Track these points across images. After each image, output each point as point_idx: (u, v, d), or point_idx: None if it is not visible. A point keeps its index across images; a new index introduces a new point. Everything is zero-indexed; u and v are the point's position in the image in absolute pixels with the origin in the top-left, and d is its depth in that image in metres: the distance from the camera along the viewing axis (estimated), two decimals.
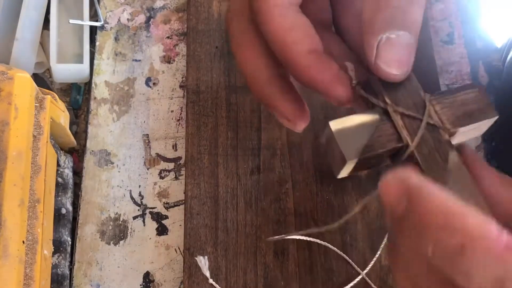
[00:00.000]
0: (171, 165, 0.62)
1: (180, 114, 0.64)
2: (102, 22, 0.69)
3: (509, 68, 0.64)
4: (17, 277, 0.44)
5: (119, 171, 0.62)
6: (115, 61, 0.67)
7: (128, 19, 0.69)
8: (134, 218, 0.60)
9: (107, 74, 0.66)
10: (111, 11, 0.70)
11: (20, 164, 0.47)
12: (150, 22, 0.69)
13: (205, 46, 0.65)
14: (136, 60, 0.67)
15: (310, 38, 0.26)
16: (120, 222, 0.60)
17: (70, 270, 0.58)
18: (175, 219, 0.60)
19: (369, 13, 0.25)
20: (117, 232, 0.59)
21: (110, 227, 0.59)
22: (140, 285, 0.57)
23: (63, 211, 0.59)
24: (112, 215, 0.60)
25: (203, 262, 0.55)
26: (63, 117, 0.58)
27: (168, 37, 0.69)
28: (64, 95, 0.68)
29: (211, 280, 0.54)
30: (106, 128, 0.64)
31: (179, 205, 0.60)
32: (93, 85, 0.66)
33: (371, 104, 0.27)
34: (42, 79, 0.68)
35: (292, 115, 0.28)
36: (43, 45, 0.68)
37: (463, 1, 0.71)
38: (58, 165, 0.58)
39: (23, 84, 0.49)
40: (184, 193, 0.59)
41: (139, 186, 0.61)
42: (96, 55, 0.67)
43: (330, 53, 0.27)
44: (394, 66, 0.25)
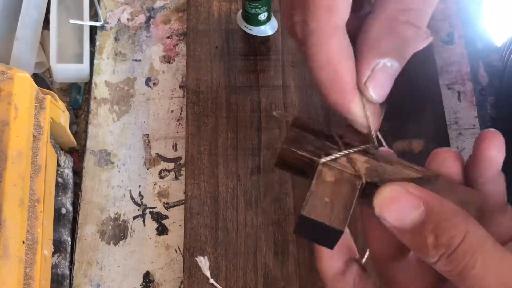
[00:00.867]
0: (171, 165, 0.62)
1: (180, 114, 0.64)
2: (102, 22, 0.69)
3: (510, 68, 0.64)
4: (17, 277, 0.44)
5: (119, 171, 0.62)
6: (115, 61, 0.67)
7: (128, 19, 0.69)
8: (134, 218, 0.60)
9: (107, 74, 0.66)
10: (111, 11, 0.70)
11: (20, 164, 0.47)
12: (150, 22, 0.69)
13: (205, 46, 0.65)
14: (136, 60, 0.67)
15: (353, 71, 0.26)
16: (120, 222, 0.60)
17: (70, 270, 0.58)
18: (175, 219, 0.60)
19: (378, 34, 0.25)
20: (117, 232, 0.59)
21: (110, 227, 0.59)
22: (140, 285, 0.57)
23: (63, 211, 0.59)
24: (112, 215, 0.60)
25: (203, 262, 0.55)
26: (63, 117, 0.58)
27: (168, 37, 0.69)
28: (64, 95, 0.68)
29: (211, 280, 0.54)
30: (106, 128, 0.64)
31: (179, 205, 0.60)
32: (93, 85, 0.66)
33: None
34: (42, 79, 0.68)
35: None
36: (43, 45, 0.68)
37: (463, 1, 0.71)
38: (58, 165, 0.58)
39: (23, 84, 0.49)
40: (184, 193, 0.59)
41: (139, 186, 0.61)
42: (96, 55, 0.67)
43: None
44: (379, 92, 0.26)
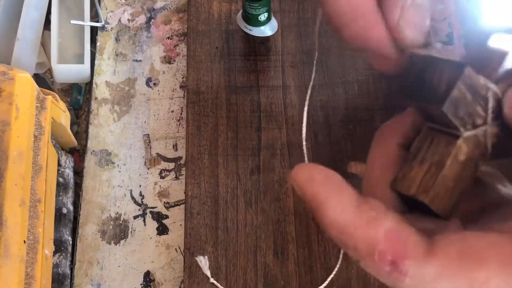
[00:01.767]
0: (171, 165, 0.62)
1: (181, 114, 0.65)
2: (103, 23, 0.69)
3: None
4: (18, 277, 0.44)
5: (119, 171, 0.62)
6: (115, 62, 0.67)
7: (128, 20, 0.70)
8: (135, 217, 0.60)
9: (108, 74, 0.67)
10: (111, 11, 0.70)
11: (21, 164, 0.47)
12: (150, 23, 0.69)
13: (205, 46, 0.65)
14: (136, 61, 0.67)
15: None
16: (121, 222, 0.60)
17: (71, 269, 0.58)
18: (176, 218, 0.60)
19: None
20: (118, 231, 0.59)
21: (111, 227, 0.60)
22: (141, 284, 0.58)
23: (64, 210, 0.59)
24: (113, 215, 0.60)
25: (203, 262, 0.55)
26: (64, 117, 0.58)
27: (168, 38, 0.69)
28: (65, 95, 0.68)
29: (212, 279, 0.54)
30: (106, 128, 0.64)
31: (180, 205, 0.61)
32: (94, 85, 0.66)
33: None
34: (43, 79, 0.68)
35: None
36: (44, 45, 0.68)
37: (463, 1, 0.71)
38: (59, 165, 0.59)
39: (24, 84, 0.50)
40: (185, 192, 0.59)
41: (140, 186, 0.61)
42: (97, 56, 0.67)
43: None
44: (413, 29, 0.23)
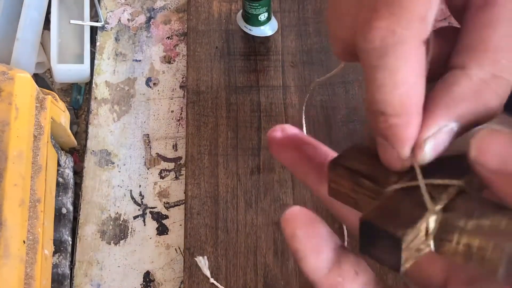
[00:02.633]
0: (171, 165, 0.62)
1: (180, 114, 0.65)
2: (102, 23, 0.69)
3: None
4: (18, 277, 0.44)
5: (119, 171, 0.62)
6: (115, 61, 0.67)
7: (128, 20, 0.70)
8: (135, 218, 0.60)
9: (108, 74, 0.66)
10: (111, 11, 0.70)
11: (21, 164, 0.47)
12: (150, 23, 0.69)
13: (205, 46, 0.65)
14: (136, 60, 0.67)
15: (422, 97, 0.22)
16: (121, 222, 0.60)
17: (71, 269, 0.58)
18: (175, 219, 0.60)
19: (462, 93, 0.21)
20: (118, 231, 0.59)
21: (111, 227, 0.60)
22: (141, 284, 0.58)
23: (64, 210, 0.59)
24: (113, 215, 0.60)
25: (202, 262, 0.55)
26: (64, 117, 0.58)
27: (168, 38, 0.69)
28: (65, 95, 0.68)
29: (212, 280, 0.54)
30: (106, 128, 0.64)
31: (179, 205, 0.61)
32: (93, 85, 0.66)
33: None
34: (43, 79, 0.68)
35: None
36: (44, 45, 0.68)
37: None
38: (59, 165, 0.58)
39: (23, 84, 0.50)
40: (184, 193, 0.59)
41: (140, 186, 0.61)
42: (97, 55, 0.67)
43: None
44: (434, 153, 0.22)
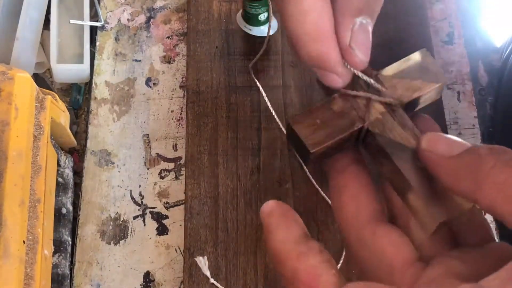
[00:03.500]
0: (171, 165, 0.62)
1: (180, 114, 0.64)
2: (102, 22, 0.69)
3: (510, 68, 0.64)
4: (17, 277, 0.44)
5: (119, 171, 0.62)
6: (115, 61, 0.67)
7: (128, 19, 0.70)
8: (135, 218, 0.60)
9: (108, 74, 0.66)
10: (111, 11, 0.70)
11: (21, 164, 0.47)
12: (150, 22, 0.69)
13: (205, 46, 0.65)
14: (136, 60, 0.67)
15: (332, 19, 0.25)
16: (121, 222, 0.60)
17: (71, 269, 0.58)
18: (175, 219, 0.60)
19: None
20: (118, 232, 0.59)
21: (111, 227, 0.59)
22: (140, 284, 0.57)
23: (64, 211, 0.59)
24: (113, 215, 0.60)
25: (202, 262, 0.55)
26: (64, 117, 0.58)
27: (168, 37, 0.69)
28: (65, 95, 0.68)
29: (212, 280, 0.54)
30: (106, 128, 0.64)
31: (179, 205, 0.60)
32: (93, 85, 0.66)
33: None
34: (43, 79, 0.68)
35: None
36: (44, 45, 0.68)
37: (463, 1, 0.71)
38: (59, 165, 0.58)
39: (23, 84, 0.49)
40: (184, 193, 0.59)
41: (139, 186, 0.61)
42: (97, 55, 0.67)
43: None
44: (363, 52, 0.25)
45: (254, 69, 0.64)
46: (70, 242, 0.59)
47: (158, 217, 0.60)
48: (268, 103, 0.61)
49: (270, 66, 0.64)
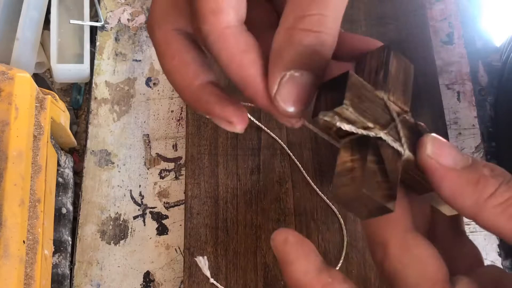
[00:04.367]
0: (171, 165, 0.62)
1: (180, 114, 0.64)
2: (102, 22, 0.69)
3: (510, 68, 0.64)
4: (17, 277, 0.44)
5: (119, 171, 0.62)
6: (115, 61, 0.67)
7: (128, 19, 0.70)
8: (135, 218, 0.60)
9: (108, 74, 0.66)
10: (111, 11, 0.70)
11: (21, 164, 0.47)
12: None
13: None
14: (136, 60, 0.67)
15: (262, 59, 0.26)
16: (121, 222, 0.60)
17: (71, 269, 0.58)
18: (175, 219, 0.60)
19: (279, 44, 0.25)
20: (118, 232, 0.59)
21: (111, 227, 0.60)
22: (141, 284, 0.58)
23: (64, 211, 0.59)
24: (113, 215, 0.60)
25: (202, 262, 0.55)
26: (64, 117, 0.58)
27: None
28: (65, 95, 0.68)
29: (212, 280, 0.54)
30: (106, 128, 0.64)
31: (179, 205, 0.61)
32: (93, 85, 0.66)
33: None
34: (43, 79, 0.68)
35: (233, 118, 0.28)
36: (44, 45, 0.68)
37: (463, 1, 0.71)
38: (59, 165, 0.58)
39: (23, 84, 0.49)
40: (184, 193, 0.59)
41: (140, 186, 0.61)
42: (97, 55, 0.67)
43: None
44: (291, 104, 0.25)
45: None
46: (70, 242, 0.59)
47: (158, 217, 0.60)
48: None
49: None
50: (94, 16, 0.70)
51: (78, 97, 0.67)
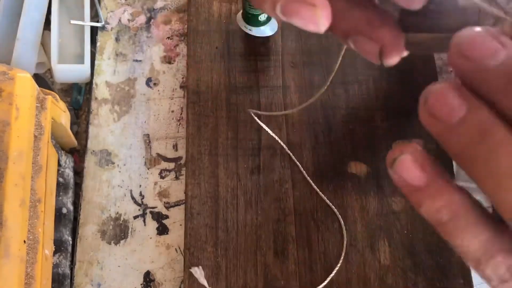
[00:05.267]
0: (171, 165, 0.62)
1: (181, 114, 0.65)
2: (103, 23, 0.69)
3: None
4: (18, 277, 0.44)
5: (119, 171, 0.62)
6: (116, 62, 0.67)
7: (128, 20, 0.70)
8: (135, 217, 0.60)
9: (108, 74, 0.67)
10: (111, 11, 0.70)
11: (21, 164, 0.47)
12: (150, 23, 0.69)
13: (205, 46, 0.65)
14: (136, 61, 0.67)
15: None
16: (121, 222, 0.60)
17: (71, 269, 0.58)
18: (176, 218, 0.60)
19: None
20: (118, 231, 0.59)
21: (111, 227, 0.60)
22: (141, 284, 0.58)
23: (64, 210, 0.59)
24: (113, 215, 0.60)
25: (198, 273, 0.54)
26: (64, 117, 0.58)
27: (168, 38, 0.69)
28: (65, 95, 0.68)
29: None
30: (107, 128, 0.64)
31: (180, 205, 0.61)
32: (94, 85, 0.66)
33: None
34: (43, 79, 0.68)
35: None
36: (44, 45, 0.68)
37: None
38: (59, 165, 0.59)
39: (24, 84, 0.50)
40: (185, 193, 0.59)
41: (140, 186, 0.61)
42: (97, 56, 0.67)
43: None
44: None
45: (254, 70, 0.64)
46: (71, 242, 0.59)
47: (159, 217, 0.60)
48: (271, 133, 0.61)
49: (270, 66, 0.64)
50: (95, 17, 0.70)
51: (78, 97, 0.67)
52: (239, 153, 0.60)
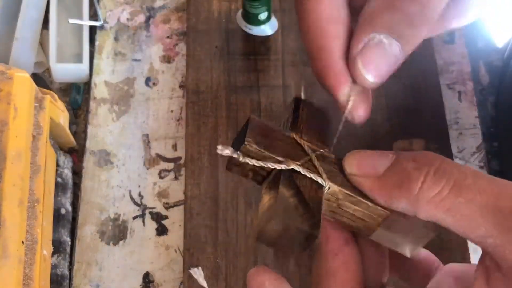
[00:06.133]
0: (170, 165, 0.62)
1: (180, 114, 0.64)
2: (101, 22, 0.68)
3: (511, 68, 0.64)
4: (16, 277, 0.44)
5: (118, 171, 0.62)
6: (114, 61, 0.67)
7: (127, 19, 0.69)
8: (134, 218, 0.60)
9: (107, 73, 0.66)
10: (110, 10, 0.70)
11: (20, 164, 0.47)
12: (149, 22, 0.69)
13: (205, 46, 0.65)
14: (135, 60, 0.67)
15: (347, 39, 0.24)
16: (120, 222, 0.60)
17: (70, 270, 0.58)
18: (175, 219, 0.60)
19: (378, 6, 0.23)
20: (117, 232, 0.59)
21: (110, 227, 0.59)
22: (140, 285, 0.57)
23: (63, 211, 0.58)
24: (112, 215, 0.60)
25: (198, 274, 0.54)
26: (63, 117, 0.58)
27: (167, 37, 0.68)
28: (64, 95, 0.68)
29: None
30: (105, 128, 0.63)
31: (179, 205, 0.60)
32: (92, 85, 0.65)
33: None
34: (42, 79, 0.68)
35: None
36: (43, 44, 0.67)
37: None
38: (58, 165, 0.58)
39: (22, 84, 0.49)
40: (184, 193, 0.59)
41: (139, 186, 0.61)
42: (96, 55, 0.67)
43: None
44: (371, 70, 0.23)
45: (254, 69, 0.64)
46: (69, 243, 0.59)
47: (158, 218, 0.60)
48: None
49: (270, 66, 0.64)
50: (93, 16, 0.69)
51: (77, 97, 0.67)
52: None
